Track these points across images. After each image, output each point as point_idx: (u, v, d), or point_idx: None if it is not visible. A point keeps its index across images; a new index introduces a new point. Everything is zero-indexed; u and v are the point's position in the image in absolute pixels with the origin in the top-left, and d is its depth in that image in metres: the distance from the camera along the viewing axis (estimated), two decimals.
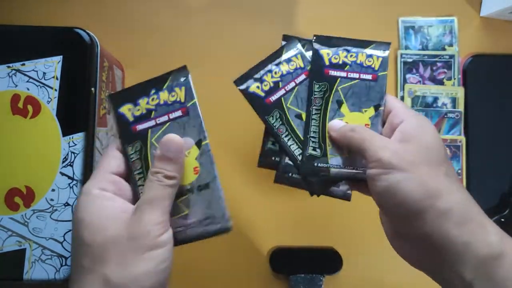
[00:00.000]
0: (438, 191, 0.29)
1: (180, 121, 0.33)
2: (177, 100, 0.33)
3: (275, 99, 0.37)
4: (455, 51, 0.53)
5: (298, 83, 0.37)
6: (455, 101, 0.52)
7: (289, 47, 0.38)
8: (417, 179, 0.29)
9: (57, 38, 0.41)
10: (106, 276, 0.27)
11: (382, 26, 0.54)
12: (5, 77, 0.40)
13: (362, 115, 0.36)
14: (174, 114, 0.33)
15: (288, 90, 0.37)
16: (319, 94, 0.37)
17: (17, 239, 0.38)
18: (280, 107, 0.37)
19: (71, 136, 0.39)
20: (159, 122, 0.33)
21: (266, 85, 0.37)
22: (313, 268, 0.48)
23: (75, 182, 0.39)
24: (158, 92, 0.33)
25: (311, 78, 0.37)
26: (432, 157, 0.31)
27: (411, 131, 0.32)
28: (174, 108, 0.33)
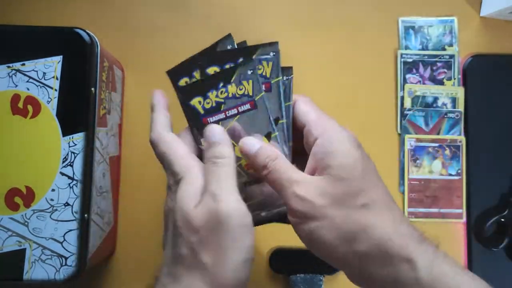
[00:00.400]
0: (353, 233, 0.27)
1: (249, 114, 0.34)
2: (245, 93, 0.34)
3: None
4: (455, 51, 0.53)
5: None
6: (455, 101, 0.52)
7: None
8: (329, 225, 0.27)
9: (57, 38, 0.41)
10: (205, 264, 0.27)
11: (382, 26, 0.54)
12: (5, 77, 0.40)
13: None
14: (242, 108, 0.34)
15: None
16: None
17: (17, 239, 0.38)
18: None
19: (71, 136, 0.39)
20: (228, 115, 0.34)
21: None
22: (313, 268, 0.48)
23: (75, 182, 0.39)
24: (226, 85, 0.34)
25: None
26: (345, 190, 0.28)
27: (322, 158, 0.29)
28: (243, 102, 0.34)
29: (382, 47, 0.53)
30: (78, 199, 0.39)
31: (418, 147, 0.51)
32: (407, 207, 0.51)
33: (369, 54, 0.53)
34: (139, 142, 0.51)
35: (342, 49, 0.53)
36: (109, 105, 0.46)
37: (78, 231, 0.38)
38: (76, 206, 0.39)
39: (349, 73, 0.53)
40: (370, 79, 0.53)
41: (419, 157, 0.51)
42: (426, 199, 0.51)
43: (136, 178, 0.51)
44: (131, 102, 0.52)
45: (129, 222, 0.50)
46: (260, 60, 0.34)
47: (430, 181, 0.51)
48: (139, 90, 0.52)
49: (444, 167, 0.51)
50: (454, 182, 0.51)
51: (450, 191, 0.51)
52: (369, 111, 0.52)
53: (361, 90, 0.53)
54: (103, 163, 0.44)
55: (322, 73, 0.53)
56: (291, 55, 0.53)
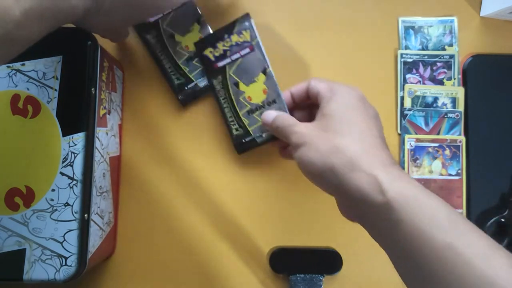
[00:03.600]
0: (329, 151, 0.33)
1: (249, 56, 0.45)
2: (244, 40, 0.44)
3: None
4: (455, 51, 0.53)
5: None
6: (455, 101, 0.52)
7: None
8: (313, 147, 0.34)
9: (57, 38, 0.40)
10: None
11: (382, 26, 0.54)
12: (5, 77, 0.40)
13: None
14: (243, 52, 0.45)
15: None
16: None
17: (17, 239, 0.38)
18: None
19: (71, 136, 0.39)
20: (233, 58, 0.45)
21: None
22: (313, 268, 0.48)
23: (75, 182, 0.39)
24: (230, 36, 0.45)
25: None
26: (330, 123, 0.35)
27: (322, 106, 0.37)
28: (243, 47, 0.45)
29: (382, 47, 0.53)
30: (78, 199, 0.39)
31: (418, 147, 0.51)
32: None
33: (369, 54, 0.53)
34: (139, 142, 0.51)
35: (342, 49, 0.53)
36: (109, 105, 0.46)
37: (78, 231, 0.38)
38: (76, 206, 0.39)
39: (349, 73, 0.53)
40: (370, 79, 0.53)
41: (419, 157, 0.51)
42: None
43: (136, 178, 0.51)
44: (131, 102, 0.52)
45: (129, 222, 0.50)
46: (239, 30, 0.44)
47: (430, 181, 0.51)
48: (139, 90, 0.52)
49: (444, 167, 0.51)
50: (454, 182, 0.51)
51: (450, 191, 0.51)
52: None
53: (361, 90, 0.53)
54: (103, 163, 0.44)
55: (322, 73, 0.53)
56: (291, 54, 0.53)
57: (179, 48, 0.51)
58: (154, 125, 0.52)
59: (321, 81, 0.39)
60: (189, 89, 0.51)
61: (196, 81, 0.50)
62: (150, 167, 0.51)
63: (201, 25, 0.51)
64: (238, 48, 0.45)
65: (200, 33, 0.51)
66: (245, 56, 0.45)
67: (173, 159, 0.51)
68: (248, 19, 0.44)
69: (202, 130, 0.52)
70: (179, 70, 0.50)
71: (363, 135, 0.34)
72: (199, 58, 0.46)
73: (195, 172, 0.51)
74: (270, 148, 0.47)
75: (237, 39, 0.44)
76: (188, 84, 0.51)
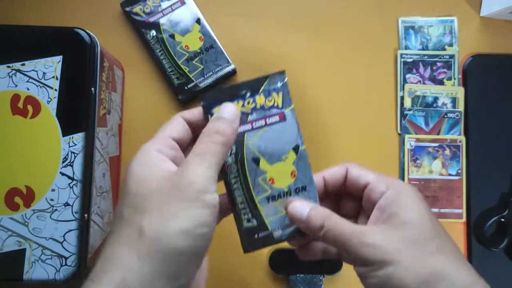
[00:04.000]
0: (431, 276, 0.27)
1: (277, 126, 0.33)
2: (274, 105, 0.33)
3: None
4: (455, 51, 0.53)
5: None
6: (455, 101, 0.52)
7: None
8: (407, 268, 0.27)
9: (57, 38, 0.41)
10: (141, 227, 0.26)
11: (382, 26, 0.54)
12: (5, 77, 0.40)
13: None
14: (271, 119, 0.33)
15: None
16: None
17: (17, 239, 0.38)
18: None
19: (71, 136, 0.39)
20: (255, 126, 0.33)
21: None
22: (313, 268, 0.48)
23: (75, 182, 0.39)
24: (254, 95, 0.33)
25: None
26: (416, 234, 0.28)
27: (390, 208, 0.29)
28: (271, 113, 0.33)
29: (382, 47, 0.53)
30: (78, 199, 0.39)
31: (418, 147, 0.51)
32: None
33: (369, 54, 0.53)
34: (139, 142, 0.51)
35: (342, 49, 0.53)
36: (109, 105, 0.46)
37: (78, 231, 0.38)
38: (76, 206, 0.39)
39: (349, 73, 0.53)
40: (370, 79, 0.53)
41: (419, 157, 0.51)
42: (426, 199, 0.51)
43: None
44: (131, 102, 0.52)
45: None
46: (269, 92, 0.33)
47: (430, 181, 0.51)
48: (139, 90, 0.52)
49: (444, 167, 0.51)
50: (454, 182, 0.51)
51: (450, 191, 0.51)
52: (369, 111, 0.52)
53: (361, 90, 0.53)
54: (103, 163, 0.44)
55: (322, 73, 0.53)
56: (291, 55, 0.53)
57: (179, 48, 0.51)
58: (154, 125, 0.51)
59: (364, 170, 0.33)
60: (189, 89, 0.51)
61: (196, 81, 0.51)
62: None
63: (201, 25, 0.51)
64: (264, 113, 0.33)
65: (200, 33, 0.51)
66: (272, 126, 0.33)
67: None
68: (283, 78, 0.33)
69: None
70: (179, 70, 0.51)
71: (457, 254, 0.29)
72: (205, 118, 0.33)
73: None
74: None
75: (264, 102, 0.33)
76: (188, 84, 0.51)
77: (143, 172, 0.28)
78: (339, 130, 0.52)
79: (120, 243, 0.27)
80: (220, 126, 0.30)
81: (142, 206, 0.27)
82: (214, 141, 0.29)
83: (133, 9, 0.51)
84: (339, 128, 0.52)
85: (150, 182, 0.28)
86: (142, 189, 0.28)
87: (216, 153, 0.29)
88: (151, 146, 0.30)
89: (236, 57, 0.52)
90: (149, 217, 0.26)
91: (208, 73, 0.51)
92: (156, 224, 0.26)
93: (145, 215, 0.26)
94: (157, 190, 0.27)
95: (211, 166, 0.28)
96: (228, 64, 0.51)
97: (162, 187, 0.27)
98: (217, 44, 0.51)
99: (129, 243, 0.26)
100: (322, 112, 0.52)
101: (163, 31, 0.51)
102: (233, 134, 0.30)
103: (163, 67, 0.51)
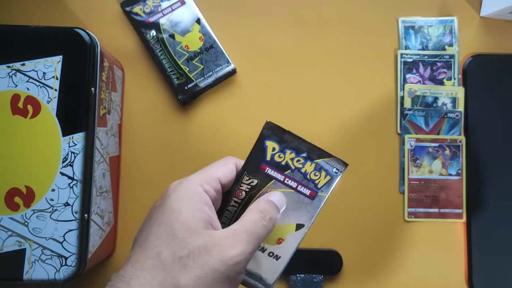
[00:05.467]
0: None
1: (302, 199, 0.33)
2: (315, 181, 0.33)
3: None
4: (455, 51, 0.53)
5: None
6: (455, 101, 0.52)
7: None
8: None
9: (57, 38, 0.41)
10: (178, 285, 0.26)
11: (382, 26, 0.54)
12: (5, 77, 0.40)
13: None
14: (302, 189, 0.33)
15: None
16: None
17: (17, 239, 0.38)
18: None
19: (71, 136, 0.39)
20: (286, 182, 0.33)
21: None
22: (313, 268, 0.48)
23: (75, 182, 0.39)
24: (307, 160, 0.33)
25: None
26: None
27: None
28: (307, 185, 0.33)
29: (382, 47, 0.53)
30: (78, 199, 0.39)
31: (418, 147, 0.51)
32: (407, 207, 0.51)
33: (369, 54, 0.53)
34: (139, 142, 0.51)
35: (343, 49, 0.53)
36: (109, 105, 0.46)
37: (78, 231, 0.38)
38: (76, 206, 0.39)
39: (349, 73, 0.53)
40: (370, 79, 0.53)
41: (419, 157, 0.51)
42: (426, 199, 0.51)
43: (136, 178, 0.51)
44: (131, 102, 0.52)
45: (129, 222, 0.50)
46: (321, 168, 0.33)
47: (430, 181, 0.51)
48: (139, 90, 0.52)
49: (444, 167, 0.51)
50: (454, 182, 0.51)
51: (450, 191, 0.51)
52: (369, 111, 0.52)
53: (361, 90, 0.53)
54: (103, 163, 0.44)
55: (322, 73, 0.53)
56: (291, 54, 0.53)
57: (179, 48, 0.51)
58: (154, 125, 0.52)
59: None
60: (189, 89, 0.51)
61: (196, 81, 0.51)
62: (150, 167, 0.51)
63: (201, 25, 0.51)
64: (302, 180, 0.33)
65: (200, 33, 0.51)
66: (298, 195, 0.33)
67: (173, 159, 0.51)
68: (342, 168, 0.33)
69: (202, 130, 0.52)
70: (179, 70, 0.51)
71: None
72: (256, 143, 0.33)
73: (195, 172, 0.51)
74: None
75: (310, 172, 0.33)
76: (188, 84, 0.51)
77: (188, 218, 0.28)
78: (339, 130, 0.52)
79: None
80: (274, 215, 0.31)
81: (184, 260, 0.27)
82: (267, 225, 0.30)
83: (133, 9, 0.51)
84: (339, 128, 0.52)
85: (196, 236, 0.27)
86: (190, 239, 0.27)
87: (264, 237, 0.30)
88: (197, 182, 0.30)
89: (236, 57, 0.52)
90: (188, 277, 0.26)
91: (208, 73, 0.51)
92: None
93: (186, 272, 0.26)
94: (203, 251, 0.27)
95: (254, 249, 0.29)
96: (228, 64, 0.51)
97: (208, 248, 0.27)
98: (217, 44, 0.51)
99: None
100: (322, 112, 0.52)
101: (163, 31, 0.51)
102: (274, 223, 0.31)
103: (163, 67, 0.51)
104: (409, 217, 0.51)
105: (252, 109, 0.52)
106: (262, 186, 0.33)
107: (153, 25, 0.51)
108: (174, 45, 0.51)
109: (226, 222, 0.33)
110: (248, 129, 0.52)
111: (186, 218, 0.28)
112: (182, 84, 0.51)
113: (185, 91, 0.51)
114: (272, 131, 0.32)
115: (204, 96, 0.52)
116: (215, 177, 0.31)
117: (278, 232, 0.33)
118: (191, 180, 0.30)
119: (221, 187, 0.31)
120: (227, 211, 0.33)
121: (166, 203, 0.29)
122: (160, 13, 0.51)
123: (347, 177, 0.51)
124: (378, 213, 0.51)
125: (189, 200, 0.29)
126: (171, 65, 0.51)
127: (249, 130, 0.52)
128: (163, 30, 0.51)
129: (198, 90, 0.50)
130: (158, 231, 0.28)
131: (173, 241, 0.27)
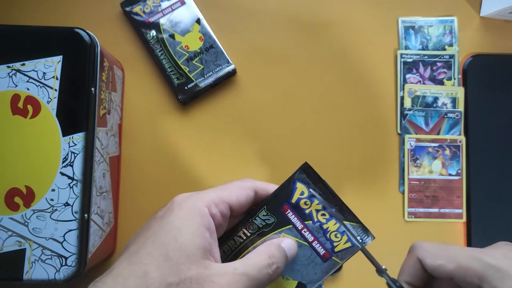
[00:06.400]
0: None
1: (313, 257, 0.31)
2: (334, 243, 0.31)
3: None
4: (455, 51, 0.53)
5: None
6: (455, 101, 0.52)
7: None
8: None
9: (57, 38, 0.41)
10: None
11: (382, 26, 0.54)
12: (5, 77, 0.40)
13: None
14: (318, 247, 0.31)
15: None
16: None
17: (17, 239, 0.38)
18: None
19: (71, 136, 0.39)
20: (303, 233, 0.31)
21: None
22: None
23: (75, 182, 0.39)
24: (332, 218, 0.31)
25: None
26: None
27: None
28: (324, 244, 0.31)
29: (382, 47, 0.53)
30: (78, 199, 0.39)
31: (418, 147, 0.51)
32: (407, 207, 0.51)
33: (369, 54, 0.53)
34: (139, 142, 0.51)
35: (342, 49, 0.53)
36: (109, 105, 0.46)
37: (78, 231, 0.38)
38: (76, 206, 0.39)
39: (349, 73, 0.53)
40: (370, 79, 0.53)
41: (419, 157, 0.51)
42: (426, 199, 0.51)
43: (136, 178, 0.51)
44: (131, 102, 0.52)
45: (129, 222, 0.50)
46: (344, 232, 0.31)
47: (430, 181, 0.51)
48: (139, 90, 0.52)
49: (444, 167, 0.51)
50: (454, 182, 0.51)
51: (450, 191, 0.51)
52: (369, 111, 0.52)
53: (361, 90, 0.53)
54: (103, 163, 0.44)
55: (322, 73, 0.53)
56: (291, 54, 0.53)
57: (179, 48, 0.51)
58: (154, 125, 0.52)
59: (442, 260, 0.30)
60: (189, 89, 0.51)
61: (196, 81, 0.51)
62: (150, 167, 0.51)
63: (201, 25, 0.51)
64: (321, 237, 0.31)
65: (200, 33, 0.51)
66: (311, 250, 0.31)
67: (173, 159, 0.51)
68: (367, 238, 0.33)
69: (202, 129, 0.52)
70: (179, 70, 0.51)
71: None
72: (286, 182, 0.31)
73: (195, 172, 0.51)
74: (271, 149, 0.47)
75: (332, 230, 0.31)
76: (188, 84, 0.51)
77: (186, 239, 0.26)
78: (339, 130, 0.52)
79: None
80: (282, 265, 0.29)
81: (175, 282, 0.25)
82: (271, 274, 0.28)
83: (133, 9, 0.51)
84: (339, 128, 0.52)
85: (191, 260, 0.25)
86: (181, 263, 0.25)
87: (264, 286, 0.28)
88: (205, 203, 0.28)
89: (236, 57, 0.52)
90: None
91: (208, 73, 0.51)
92: None
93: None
94: (195, 283, 0.25)
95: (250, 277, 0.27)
96: (228, 64, 0.51)
97: (200, 281, 0.25)
98: (217, 44, 0.51)
99: None
100: (322, 111, 0.52)
101: (163, 31, 0.51)
102: (280, 271, 0.29)
103: (163, 67, 0.51)
104: (409, 217, 0.51)
105: (252, 109, 0.52)
106: (277, 228, 0.31)
107: (153, 25, 0.51)
108: (174, 45, 0.51)
109: (227, 252, 0.31)
110: (248, 129, 0.52)
111: (184, 242, 0.26)
112: (182, 84, 0.51)
113: (185, 91, 0.51)
114: (307, 174, 0.30)
115: (204, 96, 0.52)
116: (227, 201, 0.29)
117: (277, 285, 0.31)
118: (200, 199, 0.28)
119: (229, 213, 0.29)
120: (232, 241, 0.31)
121: (168, 217, 0.27)
122: (160, 13, 0.51)
123: (347, 177, 0.51)
124: (378, 213, 0.51)
125: (192, 221, 0.27)
126: (171, 65, 0.51)
127: (249, 130, 0.52)
128: (163, 30, 0.51)
129: (198, 90, 0.50)
130: (152, 247, 0.26)
131: (165, 263, 0.25)
